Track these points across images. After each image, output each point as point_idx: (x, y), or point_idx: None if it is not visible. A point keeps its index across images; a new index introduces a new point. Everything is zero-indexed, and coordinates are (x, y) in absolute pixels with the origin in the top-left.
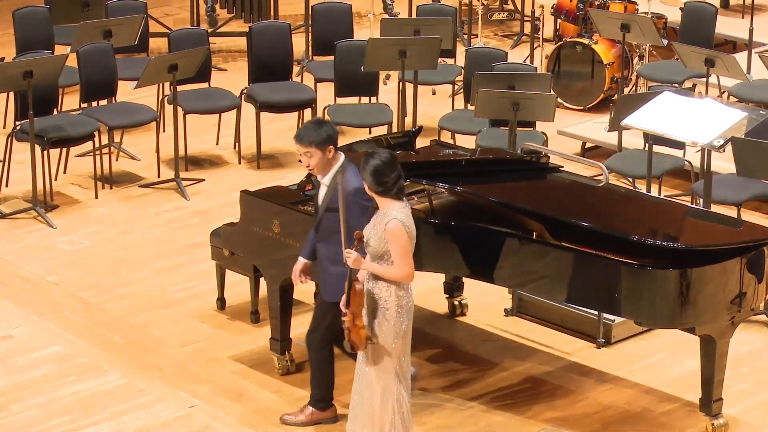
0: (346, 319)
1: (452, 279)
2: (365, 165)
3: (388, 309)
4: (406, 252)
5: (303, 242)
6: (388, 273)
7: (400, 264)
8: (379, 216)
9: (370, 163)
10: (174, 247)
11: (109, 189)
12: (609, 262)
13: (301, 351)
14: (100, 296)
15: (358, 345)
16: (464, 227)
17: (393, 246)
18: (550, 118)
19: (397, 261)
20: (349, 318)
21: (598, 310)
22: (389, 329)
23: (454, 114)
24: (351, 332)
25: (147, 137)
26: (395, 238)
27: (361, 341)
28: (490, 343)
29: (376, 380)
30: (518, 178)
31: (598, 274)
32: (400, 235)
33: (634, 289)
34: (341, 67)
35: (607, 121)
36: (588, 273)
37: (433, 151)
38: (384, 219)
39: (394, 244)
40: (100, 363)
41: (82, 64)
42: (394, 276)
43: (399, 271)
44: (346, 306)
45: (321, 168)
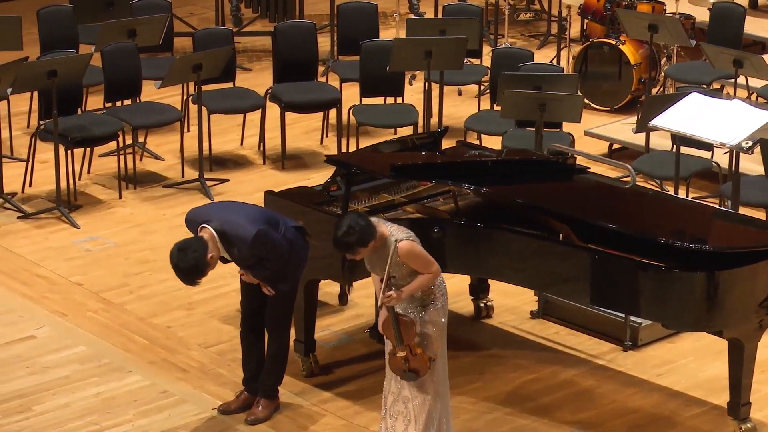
0: (402, 354)
1: (477, 281)
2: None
3: (434, 301)
4: (425, 255)
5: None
6: (424, 282)
7: (426, 268)
8: (381, 250)
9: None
10: None
11: (133, 189)
12: (636, 264)
13: (325, 352)
14: (123, 297)
15: (423, 370)
16: (490, 228)
17: (413, 261)
18: (577, 119)
19: (423, 267)
20: (405, 352)
21: (625, 312)
22: (436, 314)
23: (480, 115)
24: (411, 362)
25: (171, 137)
26: (410, 254)
27: (424, 365)
28: (515, 346)
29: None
30: (544, 179)
31: (625, 277)
32: (411, 248)
33: (661, 291)
34: (366, 67)
35: (634, 123)
36: (614, 275)
37: (459, 152)
38: (389, 248)
39: (413, 258)
40: (123, 364)
41: (106, 63)
42: (428, 280)
43: (429, 273)
44: (399, 344)
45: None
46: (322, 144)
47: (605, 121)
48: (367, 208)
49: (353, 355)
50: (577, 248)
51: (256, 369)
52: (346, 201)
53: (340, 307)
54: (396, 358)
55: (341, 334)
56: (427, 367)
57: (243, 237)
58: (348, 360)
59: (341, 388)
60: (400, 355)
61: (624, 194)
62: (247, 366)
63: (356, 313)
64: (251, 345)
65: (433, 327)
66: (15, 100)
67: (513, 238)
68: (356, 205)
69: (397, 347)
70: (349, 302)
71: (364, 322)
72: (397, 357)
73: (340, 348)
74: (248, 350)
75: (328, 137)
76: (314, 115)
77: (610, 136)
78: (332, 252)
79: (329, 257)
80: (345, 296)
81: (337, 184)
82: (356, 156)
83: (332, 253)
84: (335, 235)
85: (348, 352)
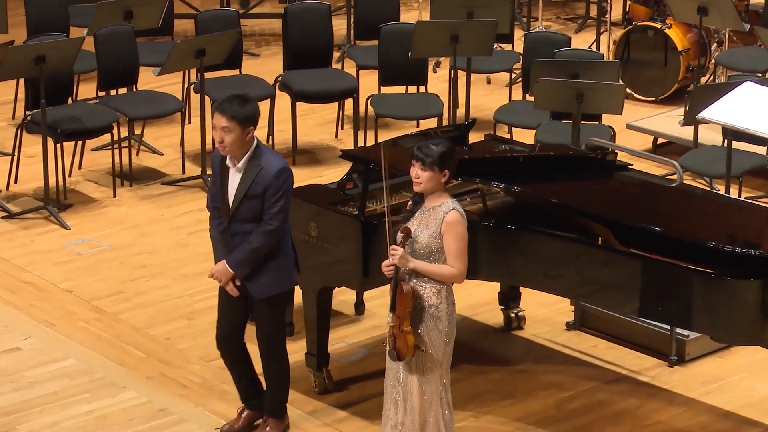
0: (391, 324)
1: (508, 289)
2: (438, 146)
3: (439, 317)
4: (465, 247)
5: (343, 246)
6: (442, 272)
7: (457, 260)
8: (428, 210)
9: (443, 144)
10: (200, 251)
11: (129, 186)
12: (683, 271)
13: (340, 367)
14: (118, 305)
15: (405, 352)
16: (522, 231)
17: (452, 240)
18: (618, 110)
19: (454, 256)
20: (395, 322)
21: (671, 324)
22: (439, 337)
23: (511, 105)
24: (397, 339)
25: (171, 129)
26: (455, 231)
27: (408, 348)
28: (549, 360)
29: (419, 388)
30: (582, 177)
31: (671, 285)
32: (460, 227)
33: (710, 301)
34: (386, 53)
35: (681, 115)
36: (659, 283)
37: (488, 147)
38: (438, 211)
39: (454, 237)
40: (118, 379)
41: (99, 48)
42: (448, 275)
43: (454, 269)
44: (392, 310)
45: (235, 149)
46: (337, 137)
47: (649, 113)
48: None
49: (371, 370)
50: (618, 253)
51: (252, 387)
52: (363, 200)
53: (357, 317)
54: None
55: (358, 346)
56: (410, 352)
57: (274, 161)
58: (365, 375)
59: (358, 406)
60: (389, 324)
61: (669, 194)
62: (240, 386)
63: (374, 323)
64: (238, 364)
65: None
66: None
67: (547, 242)
68: (374, 205)
69: (390, 314)
70: (366, 312)
71: (383, 334)
72: (389, 327)
73: (356, 362)
74: (237, 371)
75: (343, 130)
76: (328, 105)
77: (654, 129)
78: (348, 256)
79: (345, 262)
80: (362, 305)
81: (354, 181)
82: (375, 151)
83: (348, 257)
84: (424, 141)
85: (365, 366)
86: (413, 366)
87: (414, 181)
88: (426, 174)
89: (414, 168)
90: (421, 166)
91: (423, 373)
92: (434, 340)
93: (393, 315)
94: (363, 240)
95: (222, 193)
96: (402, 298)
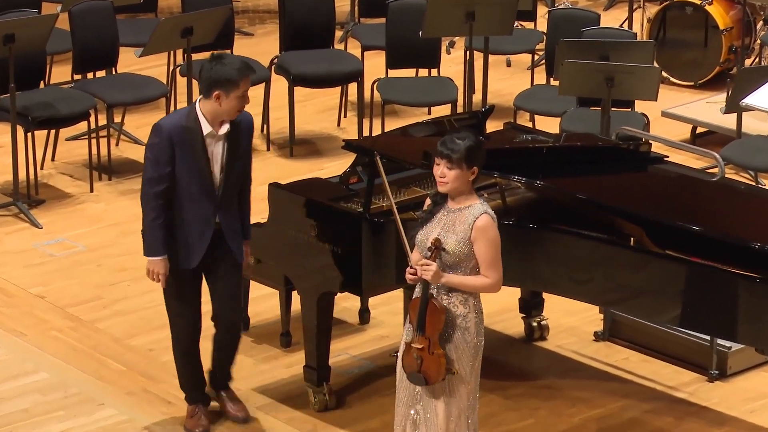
0: (418, 347)
1: (530, 295)
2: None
3: (468, 329)
4: (498, 254)
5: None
6: (476, 284)
7: (491, 269)
8: (453, 212)
9: (469, 137)
10: None
11: (108, 180)
12: (725, 275)
13: (342, 382)
14: (95, 313)
15: (435, 377)
16: (545, 231)
17: (485, 248)
18: (653, 96)
19: (488, 265)
20: (422, 344)
21: (711, 334)
22: (467, 351)
23: (533, 91)
24: (425, 362)
25: (154, 117)
26: (488, 238)
27: (439, 372)
28: (575, 374)
29: (444, 408)
30: (612, 170)
31: (711, 290)
32: (492, 232)
33: (755, 308)
34: (394, 32)
35: (723, 101)
36: (698, 288)
37: (507, 137)
38: (467, 215)
39: (488, 245)
40: (95, 395)
41: (75, 26)
42: (483, 286)
43: (489, 278)
44: (420, 330)
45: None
46: (340, 126)
47: (687, 99)
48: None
49: (377, 385)
50: (653, 255)
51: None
52: (369, 196)
53: (361, 326)
54: (411, 350)
55: (362, 359)
56: (441, 376)
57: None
58: (370, 391)
59: (361, 425)
60: (415, 346)
61: (710, 189)
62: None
63: (380, 333)
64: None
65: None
66: None
67: (573, 243)
68: (381, 201)
69: (415, 334)
70: (371, 320)
71: (390, 345)
72: (412, 348)
73: (360, 376)
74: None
75: (346, 118)
76: (330, 90)
77: (693, 117)
78: (351, 259)
79: (348, 265)
80: (367, 313)
81: (358, 175)
82: (381, 141)
83: (351, 260)
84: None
85: (370, 381)
86: (442, 388)
87: (439, 181)
88: (453, 173)
89: (438, 166)
90: (448, 163)
91: (450, 392)
92: (462, 354)
93: (420, 336)
94: (369, 240)
95: (206, 172)
96: (434, 317)
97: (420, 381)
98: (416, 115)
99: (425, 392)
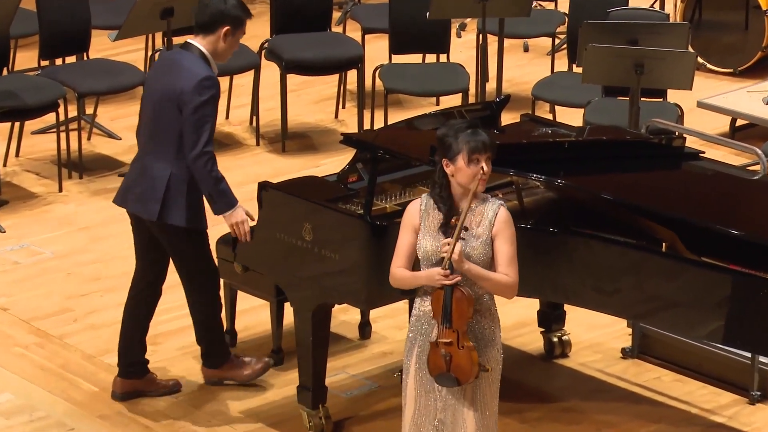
0: (446, 341)
1: (549, 307)
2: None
3: (494, 339)
4: (516, 251)
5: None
6: (500, 281)
7: (511, 267)
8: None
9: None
10: None
11: (79, 179)
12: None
13: (341, 404)
14: (64, 327)
15: (468, 374)
16: (566, 235)
17: (506, 243)
18: (688, 84)
19: (508, 262)
20: (449, 338)
21: (752, 351)
22: (496, 358)
23: (553, 79)
24: (455, 357)
25: (130, 108)
26: (510, 232)
27: (472, 368)
28: (601, 396)
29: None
30: (642, 167)
31: (753, 302)
32: (512, 227)
33: None
34: (398, 13)
35: (765, 90)
36: (738, 299)
37: (525, 130)
38: (486, 210)
39: (509, 239)
40: (64, 419)
41: (42, 6)
42: (505, 284)
43: (510, 277)
44: (446, 323)
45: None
46: (337, 118)
47: (726, 88)
48: (398, 206)
49: (378, 407)
50: (687, 262)
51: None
52: (370, 196)
53: (361, 341)
54: (437, 349)
55: (363, 378)
56: (474, 374)
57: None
58: (372, 415)
59: None
60: (442, 341)
61: (751, 188)
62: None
63: (382, 349)
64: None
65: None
66: None
67: (598, 248)
68: (383, 202)
69: (441, 328)
70: (372, 335)
71: (393, 363)
72: (440, 344)
73: (360, 398)
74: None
75: (345, 109)
76: (327, 78)
77: (732, 108)
78: (351, 266)
79: (347, 274)
80: (368, 327)
81: (359, 173)
82: (384, 135)
83: (351, 267)
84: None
85: (372, 403)
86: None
87: (481, 179)
88: (457, 169)
89: (481, 161)
90: (491, 156)
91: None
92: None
93: (447, 329)
94: (370, 246)
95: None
96: (461, 305)
97: (451, 382)
98: (423, 105)
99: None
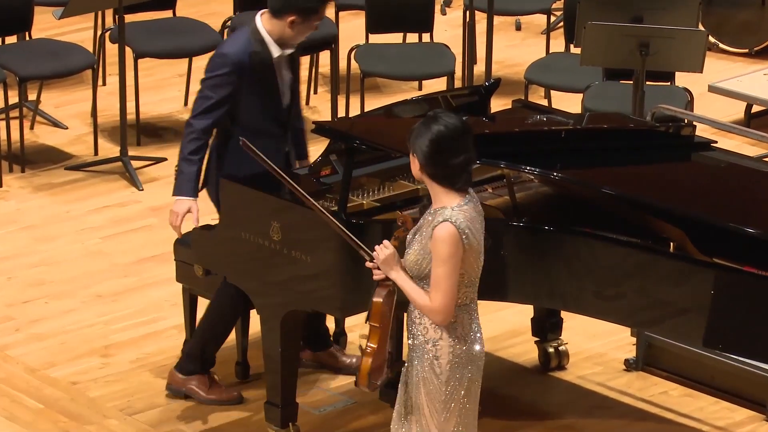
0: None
1: (545, 314)
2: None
3: (438, 358)
4: (449, 275)
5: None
6: (417, 299)
7: (434, 291)
8: (428, 215)
9: (432, 128)
10: (119, 262)
11: (20, 173)
12: None
13: (314, 422)
14: (5, 337)
15: (360, 377)
16: (564, 234)
17: (433, 261)
18: (698, 66)
19: (434, 284)
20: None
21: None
22: (437, 391)
23: (548, 60)
24: (362, 356)
25: (79, 94)
26: (439, 251)
27: (363, 373)
28: (602, 412)
29: None
30: (647, 159)
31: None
32: (446, 247)
33: None
34: None
35: None
36: (755, 306)
37: (517, 118)
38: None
39: (436, 260)
40: None
41: None
42: (423, 307)
43: (432, 302)
44: (367, 317)
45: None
46: (309, 105)
47: (740, 71)
48: (377, 203)
49: (355, 425)
50: (697, 264)
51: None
52: (345, 191)
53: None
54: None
55: (338, 394)
56: (364, 381)
57: None
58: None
59: None
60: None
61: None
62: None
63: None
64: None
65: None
66: None
67: (599, 249)
68: (360, 198)
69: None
70: (348, 345)
71: None
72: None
73: (335, 415)
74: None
75: (317, 94)
76: None
77: (747, 93)
78: (324, 269)
79: (320, 278)
80: (343, 336)
81: (332, 165)
82: (361, 123)
83: (324, 271)
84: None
85: (347, 421)
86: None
87: None
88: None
89: None
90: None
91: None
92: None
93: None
94: (345, 247)
95: (277, 100)
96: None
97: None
98: (404, 91)
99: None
